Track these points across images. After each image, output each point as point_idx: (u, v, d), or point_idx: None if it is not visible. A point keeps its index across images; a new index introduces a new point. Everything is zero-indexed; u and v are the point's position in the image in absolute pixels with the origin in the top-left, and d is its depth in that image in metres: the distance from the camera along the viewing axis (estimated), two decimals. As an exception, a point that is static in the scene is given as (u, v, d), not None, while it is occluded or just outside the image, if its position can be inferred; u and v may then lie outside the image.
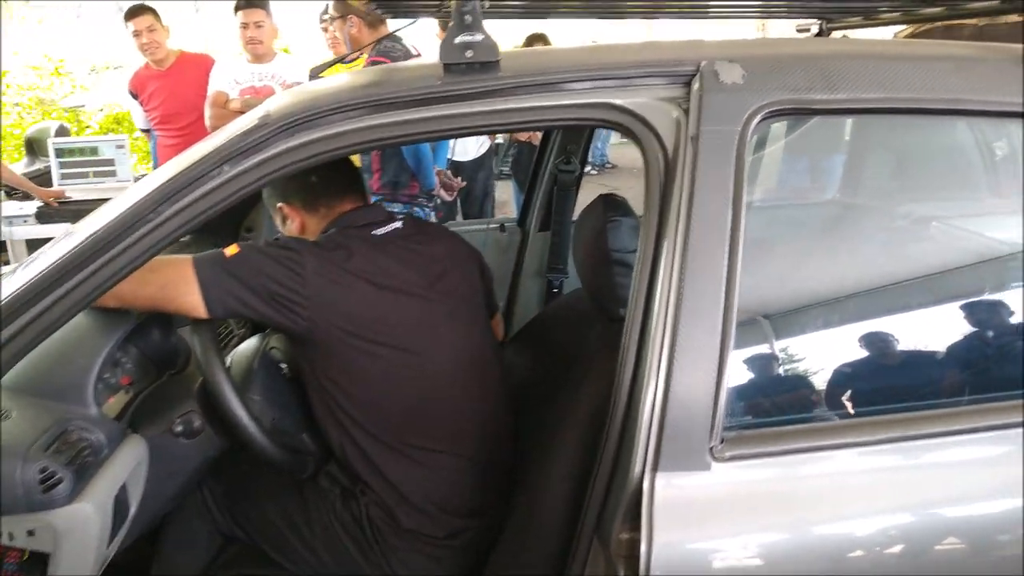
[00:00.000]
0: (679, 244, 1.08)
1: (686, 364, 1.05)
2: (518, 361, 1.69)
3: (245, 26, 3.74)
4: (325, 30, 4.03)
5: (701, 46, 1.26)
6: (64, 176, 4.19)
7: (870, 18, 1.90)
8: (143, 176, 5.41)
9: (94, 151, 4.22)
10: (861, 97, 1.14)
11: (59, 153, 4.18)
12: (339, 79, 1.36)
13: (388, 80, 1.19)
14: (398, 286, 1.40)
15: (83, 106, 7.89)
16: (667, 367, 1.06)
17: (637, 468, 1.07)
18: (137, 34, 3.90)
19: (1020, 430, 1.12)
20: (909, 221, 1.56)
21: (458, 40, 1.13)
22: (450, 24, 1.14)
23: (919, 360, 1.29)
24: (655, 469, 1.06)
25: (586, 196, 2.43)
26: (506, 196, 5.67)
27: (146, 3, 4.01)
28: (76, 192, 4.15)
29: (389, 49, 2.94)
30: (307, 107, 1.13)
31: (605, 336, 1.39)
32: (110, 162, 4.22)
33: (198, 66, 4.00)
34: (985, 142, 1.47)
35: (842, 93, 1.14)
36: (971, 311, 1.36)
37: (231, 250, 1.33)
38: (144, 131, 4.50)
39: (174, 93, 3.99)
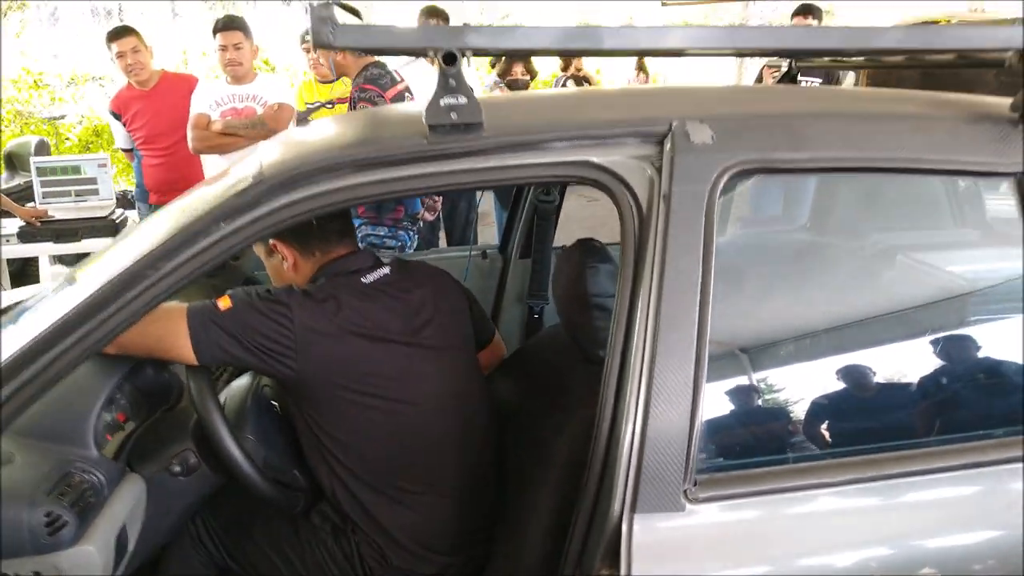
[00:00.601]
0: (654, 295, 1.15)
1: (661, 408, 1.12)
2: (501, 395, 1.75)
3: (224, 48, 3.78)
4: (307, 51, 4.07)
5: (672, 101, 1.33)
6: (46, 195, 4.20)
7: (837, 60, 1.98)
8: (125, 192, 5.43)
9: (76, 170, 4.23)
10: (825, 156, 1.22)
11: (40, 172, 4.19)
12: (327, 131, 1.42)
13: (375, 138, 1.25)
14: (386, 336, 1.45)
15: (63, 117, 7.86)
16: (644, 411, 1.12)
17: (616, 509, 1.13)
18: (121, 55, 3.92)
19: (995, 468, 1.20)
20: (872, 259, 1.63)
21: (443, 102, 1.19)
22: (436, 87, 1.19)
23: (882, 399, 1.36)
24: (633, 510, 1.12)
25: (571, 206, 2.49)
26: (487, 206, 5.72)
27: (128, 24, 4.04)
28: (58, 211, 4.17)
29: (376, 76, 2.99)
30: (296, 166, 1.18)
31: (585, 377, 1.45)
32: (92, 180, 4.23)
33: (181, 86, 4.03)
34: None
35: (806, 152, 1.21)
36: (939, 347, 1.43)
37: (223, 302, 1.38)
38: (126, 150, 4.52)
39: (158, 113, 4.02)
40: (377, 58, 3.08)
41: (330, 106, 4.04)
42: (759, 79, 4.68)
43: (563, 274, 1.49)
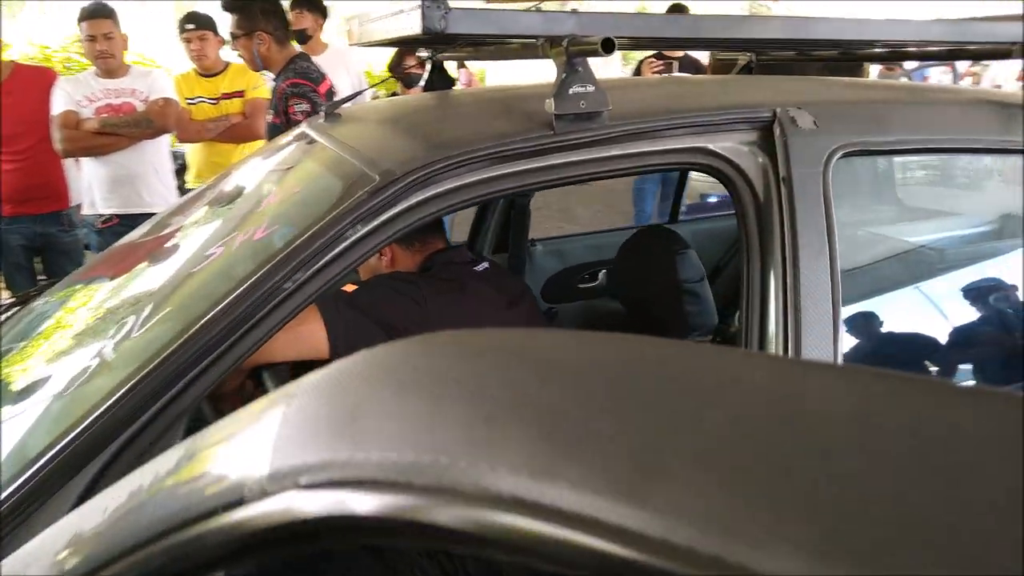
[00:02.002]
0: (790, 273, 1.20)
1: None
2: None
3: (92, 39, 3.39)
4: (188, 40, 3.74)
5: (771, 89, 1.39)
6: None
7: (803, 54, 2.14)
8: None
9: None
10: (909, 139, 1.33)
11: None
12: (440, 119, 1.35)
13: (506, 129, 1.20)
14: (506, 316, 1.42)
15: None
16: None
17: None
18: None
19: None
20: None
21: (573, 91, 1.17)
22: (562, 75, 1.17)
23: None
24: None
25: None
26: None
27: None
28: None
29: (307, 70, 2.82)
30: (432, 160, 1.11)
31: None
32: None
33: (38, 80, 3.57)
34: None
35: (893, 136, 1.32)
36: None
37: (349, 287, 1.30)
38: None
39: (13, 111, 3.53)
40: (301, 49, 2.90)
41: (213, 102, 3.75)
42: (637, 73, 4.90)
43: (641, 263, 1.51)
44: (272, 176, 1.42)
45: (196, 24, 3.66)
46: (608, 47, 1.09)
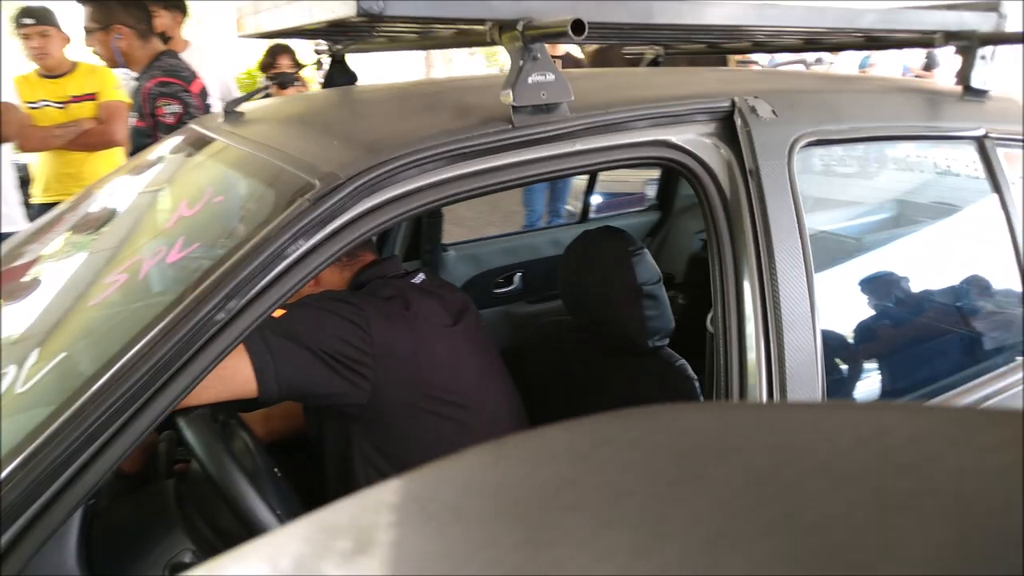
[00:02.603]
0: (767, 272, 1.14)
1: (796, 382, 1.12)
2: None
3: (27, 37, 3.03)
4: (27, 38, 3.31)
5: (716, 79, 1.32)
6: None
7: (711, 45, 2.12)
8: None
9: None
10: (860, 127, 1.30)
11: None
12: (385, 116, 1.19)
13: (460, 125, 1.06)
14: (454, 334, 1.27)
15: None
16: (781, 388, 1.11)
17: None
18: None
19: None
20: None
21: (532, 79, 1.05)
22: (519, 62, 1.05)
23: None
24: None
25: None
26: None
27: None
28: None
29: (176, 68, 2.53)
30: (378, 162, 0.96)
31: (623, 372, 1.39)
32: None
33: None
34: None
35: (846, 124, 1.29)
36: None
37: (278, 312, 1.09)
38: None
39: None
40: (167, 47, 2.61)
41: (60, 106, 3.35)
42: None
43: (593, 265, 1.40)
44: (170, 187, 1.21)
45: (35, 19, 3.25)
46: (579, 29, 0.97)
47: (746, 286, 1.15)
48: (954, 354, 1.44)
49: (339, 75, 1.74)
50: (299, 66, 4.37)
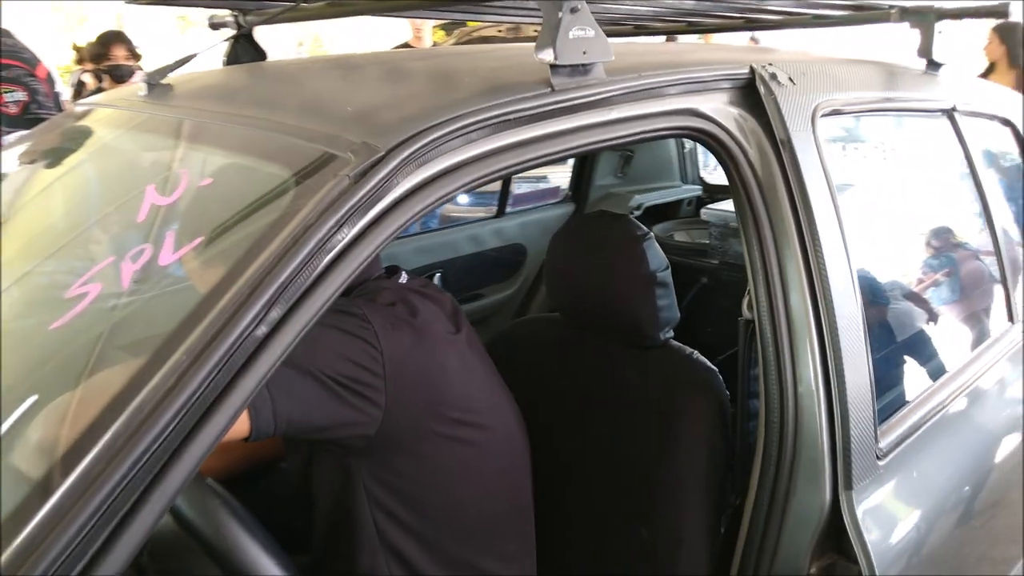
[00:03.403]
0: (810, 247, 1.06)
1: (850, 363, 1.05)
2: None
3: None
4: None
5: (718, 52, 1.24)
6: None
7: (640, 28, 2.06)
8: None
9: None
10: (863, 97, 1.27)
11: None
12: (414, 77, 1.00)
13: (501, 85, 0.90)
14: (459, 343, 1.08)
15: None
16: (838, 372, 1.04)
17: (827, 490, 1.03)
18: None
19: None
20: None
21: (572, 34, 0.91)
22: (557, 15, 0.90)
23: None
24: (848, 487, 1.03)
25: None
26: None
27: None
28: None
29: (14, 48, 2.12)
30: (419, 129, 0.78)
31: (635, 365, 1.28)
32: None
33: None
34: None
35: (852, 94, 1.25)
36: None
37: None
38: None
39: None
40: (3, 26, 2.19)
41: None
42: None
43: (595, 255, 1.27)
44: (101, 173, 0.94)
45: None
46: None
47: (790, 266, 1.07)
48: (974, 319, 1.46)
49: (245, 53, 1.50)
50: (136, 56, 3.91)
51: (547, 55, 0.90)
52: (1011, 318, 1.45)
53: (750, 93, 1.11)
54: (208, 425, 0.61)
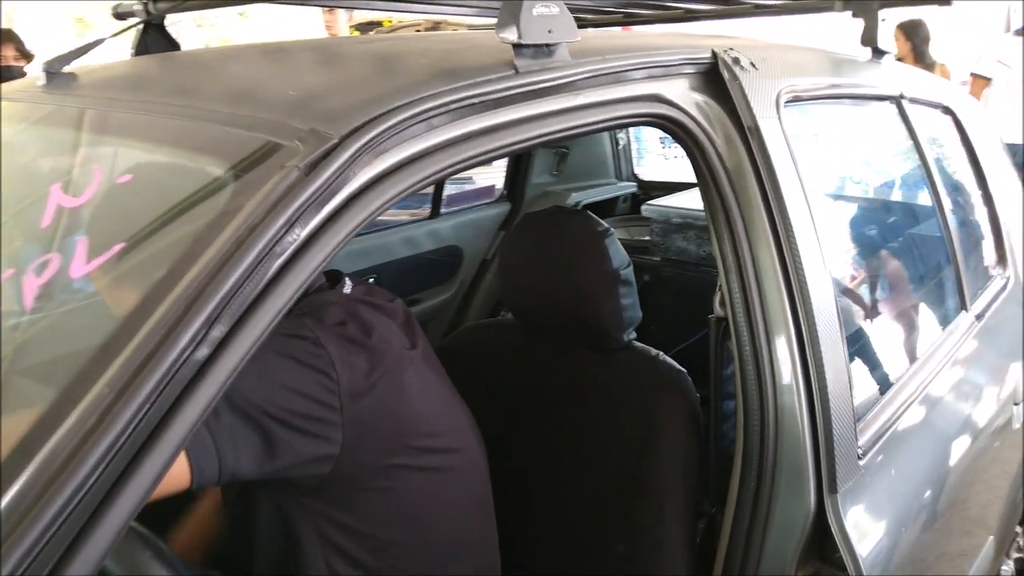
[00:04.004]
0: (784, 238, 1.02)
1: (830, 361, 1.01)
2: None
3: None
4: None
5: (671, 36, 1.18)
6: None
7: (629, 16, 1.98)
8: None
9: None
10: (819, 83, 1.24)
11: None
12: (359, 59, 0.90)
13: (462, 67, 0.81)
14: (416, 359, 0.97)
15: None
16: (818, 372, 0.99)
17: (811, 494, 0.99)
18: None
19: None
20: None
21: (537, 11, 0.83)
22: (521, -11, 0.82)
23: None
24: (833, 490, 0.99)
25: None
26: None
27: None
28: None
29: None
30: (376, 113, 0.69)
31: (614, 365, 1.21)
32: None
33: None
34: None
35: (810, 80, 1.21)
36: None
37: None
38: None
39: None
40: None
41: None
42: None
43: (556, 253, 1.18)
44: (26, 172, 0.80)
45: None
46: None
47: (763, 258, 1.02)
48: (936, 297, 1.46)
49: (155, 43, 1.37)
50: (27, 57, 3.64)
51: (510, 34, 0.82)
52: (964, 306, 1.45)
53: (713, 79, 1.06)
54: (138, 475, 0.50)
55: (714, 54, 1.06)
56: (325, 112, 0.70)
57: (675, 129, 1.02)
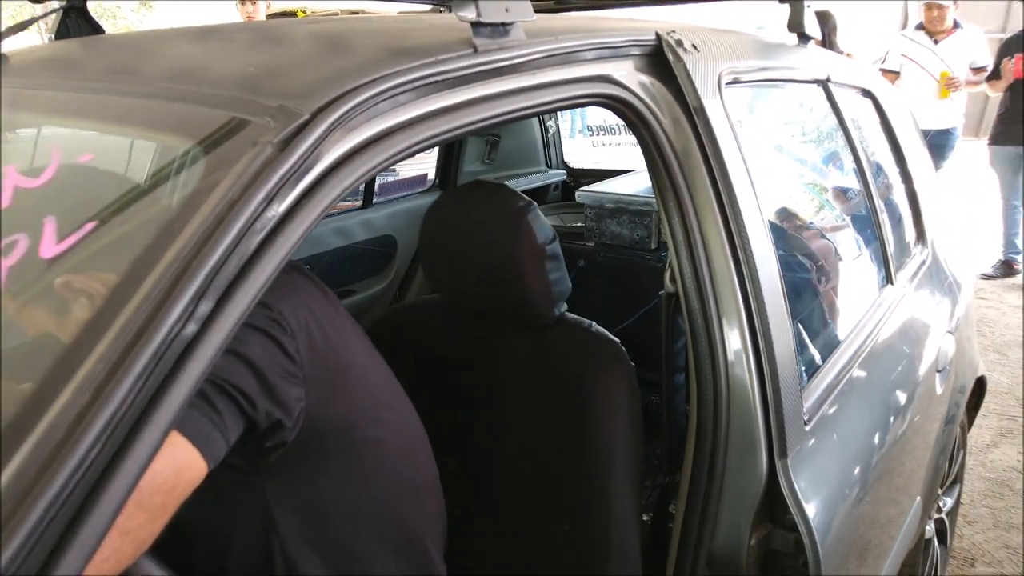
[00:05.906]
0: (731, 217, 1.07)
1: (777, 335, 1.07)
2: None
3: None
4: None
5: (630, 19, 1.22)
6: None
7: (561, 2, 2.00)
8: None
9: None
10: (756, 67, 1.30)
11: None
12: (318, 36, 0.89)
13: (422, 44, 0.82)
14: (355, 328, 0.99)
15: None
16: (766, 341, 1.05)
17: (763, 460, 1.04)
18: None
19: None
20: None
21: (496, -11, 0.85)
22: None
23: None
24: (784, 455, 1.05)
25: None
26: None
27: None
28: None
29: None
30: (344, 89, 0.70)
31: (547, 339, 1.23)
32: None
33: None
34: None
35: (746, 63, 1.27)
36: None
37: None
38: None
39: None
40: None
41: None
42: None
43: (478, 230, 1.19)
44: None
45: None
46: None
47: (711, 234, 1.07)
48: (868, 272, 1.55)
49: (78, 28, 1.33)
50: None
51: (469, 12, 0.84)
52: (891, 280, 1.56)
53: (658, 60, 1.10)
54: (134, 451, 0.50)
55: (658, 36, 1.11)
56: (290, 89, 0.70)
57: (624, 110, 1.06)
